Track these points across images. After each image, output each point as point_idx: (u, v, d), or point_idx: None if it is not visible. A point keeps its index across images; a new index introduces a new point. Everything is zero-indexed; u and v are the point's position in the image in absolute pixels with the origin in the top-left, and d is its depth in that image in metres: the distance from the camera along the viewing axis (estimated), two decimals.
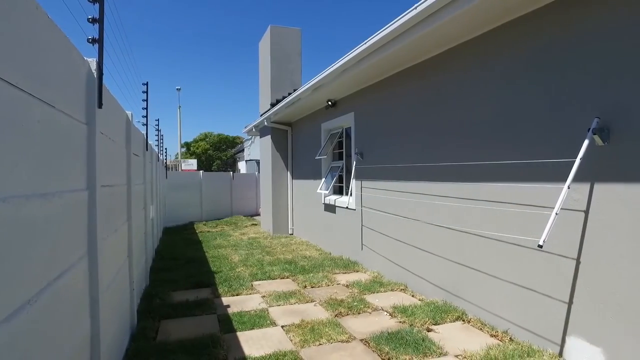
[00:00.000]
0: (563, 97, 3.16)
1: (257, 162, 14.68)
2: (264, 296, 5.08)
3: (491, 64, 3.90)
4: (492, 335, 3.74)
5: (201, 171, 15.23)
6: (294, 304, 4.78)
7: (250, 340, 3.76)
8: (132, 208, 3.98)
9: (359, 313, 4.42)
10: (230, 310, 4.53)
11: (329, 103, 7.53)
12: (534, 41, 3.42)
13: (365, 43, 4.82)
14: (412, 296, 4.97)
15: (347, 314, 4.39)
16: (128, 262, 3.85)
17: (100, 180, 2.37)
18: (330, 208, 7.96)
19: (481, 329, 3.89)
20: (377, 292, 5.11)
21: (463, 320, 4.10)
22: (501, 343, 3.54)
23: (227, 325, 4.10)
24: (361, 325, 4.08)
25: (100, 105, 2.33)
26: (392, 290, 5.21)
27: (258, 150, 13.78)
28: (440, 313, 4.20)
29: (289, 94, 8.91)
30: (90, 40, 2.25)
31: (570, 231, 3.11)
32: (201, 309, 4.55)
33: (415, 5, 3.86)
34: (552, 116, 3.25)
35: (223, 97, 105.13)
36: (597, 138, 2.81)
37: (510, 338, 3.64)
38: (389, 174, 5.67)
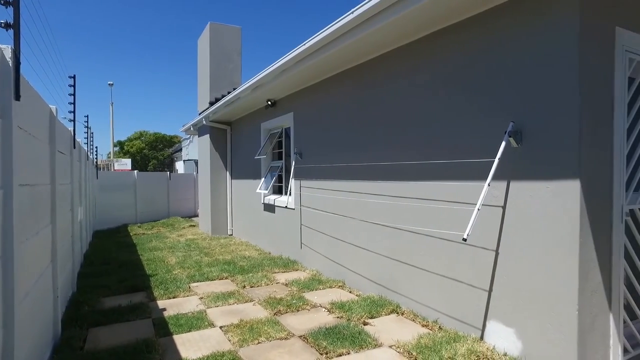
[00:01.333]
0: (486, 102, 3.43)
1: (196, 162, 14.24)
2: (201, 298, 4.96)
3: (422, 68, 4.13)
4: (423, 325, 3.96)
5: (135, 171, 14.47)
6: (233, 304, 4.73)
7: (187, 343, 3.66)
8: (56, 209, 3.72)
9: (298, 310, 4.48)
10: (166, 314, 4.38)
11: (269, 103, 7.52)
12: (461, 49, 3.69)
13: (304, 45, 4.89)
14: (350, 292, 5.12)
15: (287, 312, 4.42)
16: (52, 267, 3.59)
17: (17, 179, 2.20)
18: (269, 208, 7.94)
19: (414, 320, 4.10)
20: (316, 290, 5.20)
21: (397, 313, 4.30)
22: (431, 332, 3.77)
23: (163, 328, 3.97)
24: (300, 322, 4.14)
25: (17, 97, 2.17)
26: (330, 287, 5.32)
27: (197, 149, 13.37)
28: (376, 307, 4.37)
29: (229, 92, 8.77)
30: (3, 24, 2.07)
31: (491, 225, 3.39)
32: (135, 313, 4.36)
33: (352, 10, 3.99)
34: (476, 119, 3.52)
35: (160, 95, 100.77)
36: (512, 140, 3.10)
37: (439, 327, 3.88)
38: (327, 173, 5.79)
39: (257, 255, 7.50)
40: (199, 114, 10.72)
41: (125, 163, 28.12)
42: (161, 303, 4.78)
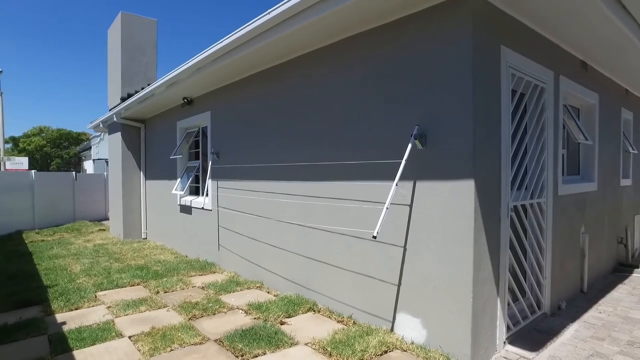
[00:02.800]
0: (396, 107, 3.64)
1: (107, 161, 13.18)
2: (109, 307, 4.62)
3: (336, 72, 4.26)
4: (338, 321, 4.09)
5: (33, 171, 12.95)
6: (145, 311, 4.48)
7: (90, 358, 3.40)
8: None
9: (215, 314, 4.38)
10: (66, 328, 4.01)
11: (185, 101, 7.24)
12: (373, 56, 3.87)
13: (220, 43, 4.79)
14: (268, 292, 5.12)
15: (202, 316, 4.30)
16: None
17: None
18: (186, 209, 7.65)
19: (329, 316, 4.22)
20: (234, 292, 5.12)
21: (314, 311, 4.39)
22: (346, 327, 3.91)
23: (62, 345, 3.62)
24: (216, 325, 4.05)
25: None
26: (248, 288, 5.28)
27: (107, 148, 12.38)
28: (293, 306, 4.42)
29: (143, 88, 8.27)
30: None
31: (399, 223, 3.62)
32: (26, 331, 3.91)
33: (269, 10, 4.00)
34: (387, 123, 3.73)
35: (66, 88, 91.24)
36: (417, 143, 3.34)
37: (353, 322, 4.04)
38: (244, 173, 5.73)
39: (172, 259, 7.17)
40: (110, 110, 9.97)
41: (21, 162, 24.98)
42: (60, 316, 4.37)
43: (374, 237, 3.29)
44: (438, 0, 3.24)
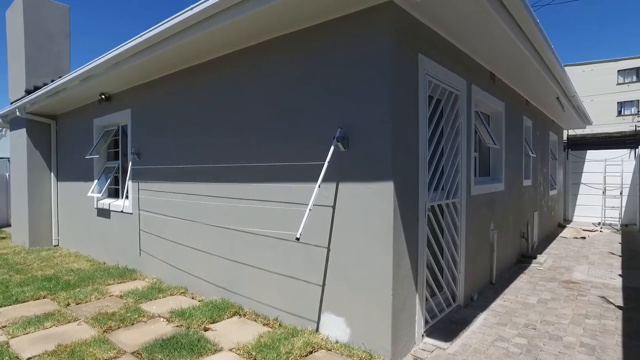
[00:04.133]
0: (322, 109, 3.68)
1: (9, 160, 11.82)
2: (4, 327, 4.11)
3: (262, 73, 4.22)
4: (264, 324, 4.06)
5: None
6: (51, 327, 4.08)
7: None
8: None
9: (133, 324, 4.12)
10: None
11: (103, 97, 6.74)
12: (299, 58, 3.88)
13: (140, 37, 4.52)
14: (192, 298, 4.93)
15: (119, 327, 4.02)
16: None
17: None
18: (104, 213, 7.12)
19: (255, 320, 4.17)
20: (156, 299, 4.86)
21: (240, 315, 4.31)
22: (272, 330, 3.88)
23: None
24: (134, 336, 3.81)
25: None
26: (171, 294, 5.04)
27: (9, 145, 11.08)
28: (218, 311, 4.31)
29: (53, 81, 7.53)
30: None
31: (323, 224, 3.67)
32: None
33: (191, 6, 3.84)
34: (312, 125, 3.76)
35: None
36: (340, 145, 3.41)
37: (280, 324, 4.02)
38: (167, 175, 5.47)
39: (88, 267, 6.62)
40: (11, 104, 8.96)
41: None
42: None
43: (297, 239, 3.31)
44: (360, 7, 3.33)
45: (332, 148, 3.42)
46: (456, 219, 4.44)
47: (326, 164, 3.42)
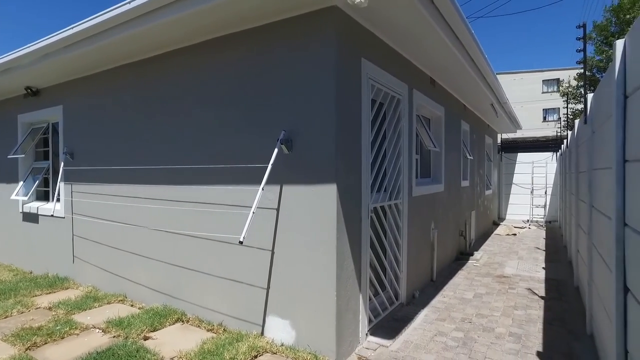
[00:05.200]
0: (266, 111, 3.65)
1: None
2: None
3: (208, 72, 4.11)
4: (208, 330, 3.95)
5: None
6: None
7: None
8: None
9: (63, 338, 3.84)
10: None
11: (29, 91, 6.22)
12: (243, 59, 3.82)
13: (72, 29, 4.23)
14: (132, 305, 4.69)
15: (46, 343, 3.73)
16: None
17: None
18: (31, 217, 6.58)
19: (199, 326, 4.05)
20: (91, 309, 4.57)
21: (182, 321, 4.17)
22: (216, 335, 3.79)
23: None
24: (64, 351, 3.56)
25: None
26: (109, 303, 4.76)
27: None
28: (160, 318, 4.14)
29: None
30: None
31: (267, 226, 3.64)
32: None
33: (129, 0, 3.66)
34: (257, 127, 3.71)
35: None
36: (284, 147, 3.40)
37: (224, 329, 3.94)
38: (104, 176, 5.17)
39: (10, 278, 6.08)
40: None
41: None
42: None
43: (240, 243, 3.26)
44: (304, 10, 3.35)
45: (275, 150, 3.40)
46: (398, 220, 4.59)
47: (270, 166, 3.39)
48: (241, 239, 3.22)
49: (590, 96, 4.06)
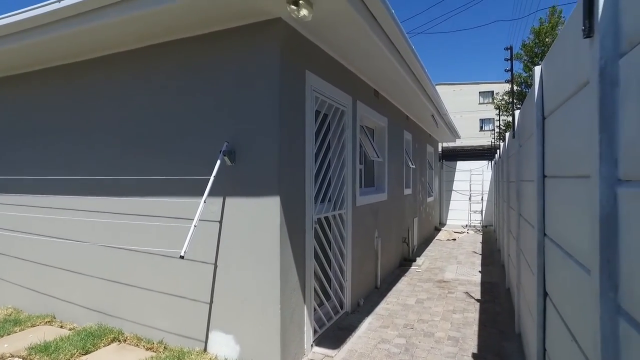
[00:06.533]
0: (209, 122, 3.57)
1: None
2: None
3: (148, 78, 3.95)
4: (148, 349, 3.76)
5: None
6: None
7: None
8: None
9: None
10: None
11: None
12: (188, 65, 3.72)
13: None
14: (62, 327, 4.36)
15: None
16: None
17: None
18: None
19: (137, 344, 3.85)
20: (10, 334, 4.17)
21: (119, 341, 3.93)
22: (156, 354, 3.62)
23: None
24: None
25: None
26: (33, 325, 4.39)
27: None
28: (93, 339, 3.87)
29: None
30: None
31: (209, 239, 3.55)
32: None
33: None
34: (199, 137, 3.62)
35: None
36: (227, 159, 3.34)
37: (165, 347, 3.77)
38: (28, 186, 4.78)
39: None
40: None
41: None
42: None
43: (181, 257, 3.15)
44: (249, 21, 3.33)
45: (218, 162, 3.34)
46: (342, 230, 4.66)
47: (212, 178, 3.32)
48: (182, 254, 3.11)
49: (517, 112, 4.39)
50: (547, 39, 18.36)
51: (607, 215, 1.14)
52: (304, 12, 2.97)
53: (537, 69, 2.54)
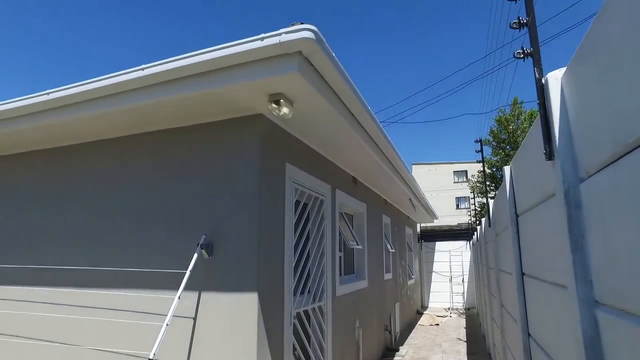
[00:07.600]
0: (187, 214, 3.53)
1: None
2: None
3: (128, 167, 3.96)
4: None
5: None
6: None
7: None
8: None
9: None
10: None
11: None
12: (173, 154, 3.76)
13: None
14: None
15: None
16: None
17: None
18: None
19: None
20: None
21: None
22: None
23: None
24: None
25: None
26: None
27: None
28: None
29: None
30: None
31: (182, 337, 3.32)
32: None
33: (48, 90, 3.54)
34: (177, 228, 3.54)
35: None
36: (204, 252, 3.26)
37: None
38: None
39: None
40: None
41: None
42: None
43: None
44: (231, 116, 3.47)
45: (195, 255, 3.25)
46: (323, 323, 4.47)
47: (188, 272, 3.20)
48: (151, 357, 2.87)
49: (491, 202, 4.54)
50: (510, 127, 19.82)
51: (590, 339, 1.13)
52: (284, 110, 3.13)
53: (507, 169, 2.68)
